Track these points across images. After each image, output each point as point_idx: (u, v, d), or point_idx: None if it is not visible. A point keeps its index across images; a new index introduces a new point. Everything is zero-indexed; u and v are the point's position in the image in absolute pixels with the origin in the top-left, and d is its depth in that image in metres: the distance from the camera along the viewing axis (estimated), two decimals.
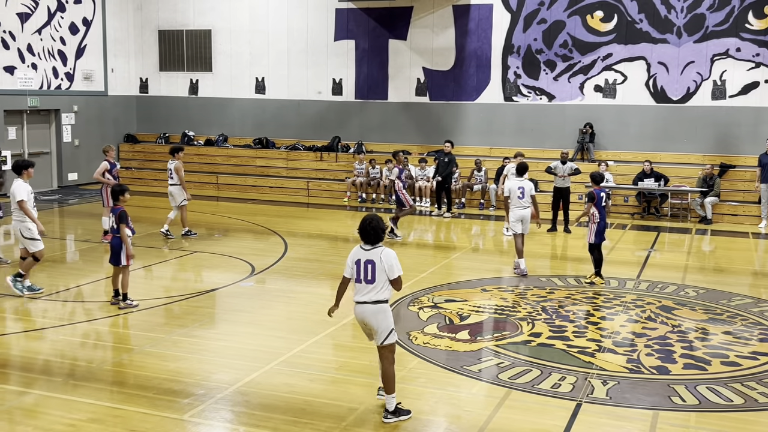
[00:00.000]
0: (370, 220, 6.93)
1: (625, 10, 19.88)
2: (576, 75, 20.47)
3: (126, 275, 10.34)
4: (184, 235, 15.28)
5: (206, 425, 6.79)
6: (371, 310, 6.82)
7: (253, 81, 24.01)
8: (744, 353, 8.87)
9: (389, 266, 6.79)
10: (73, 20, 23.11)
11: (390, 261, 6.81)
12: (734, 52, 19.09)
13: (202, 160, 23.85)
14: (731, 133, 19.39)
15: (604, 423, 6.94)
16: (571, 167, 16.90)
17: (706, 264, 14.21)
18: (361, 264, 6.84)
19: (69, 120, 23.08)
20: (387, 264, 6.79)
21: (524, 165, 13.39)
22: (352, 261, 6.89)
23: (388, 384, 6.94)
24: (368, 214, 7.08)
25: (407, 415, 6.93)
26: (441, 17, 21.63)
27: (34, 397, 7.32)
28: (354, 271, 6.87)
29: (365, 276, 6.81)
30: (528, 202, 12.98)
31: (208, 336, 9.25)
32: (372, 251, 6.86)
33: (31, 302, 10.62)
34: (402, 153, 16.99)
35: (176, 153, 15.49)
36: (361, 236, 6.93)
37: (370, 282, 6.80)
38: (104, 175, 14.60)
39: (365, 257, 6.84)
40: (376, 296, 6.81)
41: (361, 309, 6.86)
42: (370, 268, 6.80)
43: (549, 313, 10.34)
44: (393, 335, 6.92)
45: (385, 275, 6.78)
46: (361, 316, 6.89)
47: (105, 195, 14.52)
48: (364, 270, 6.82)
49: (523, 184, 13.03)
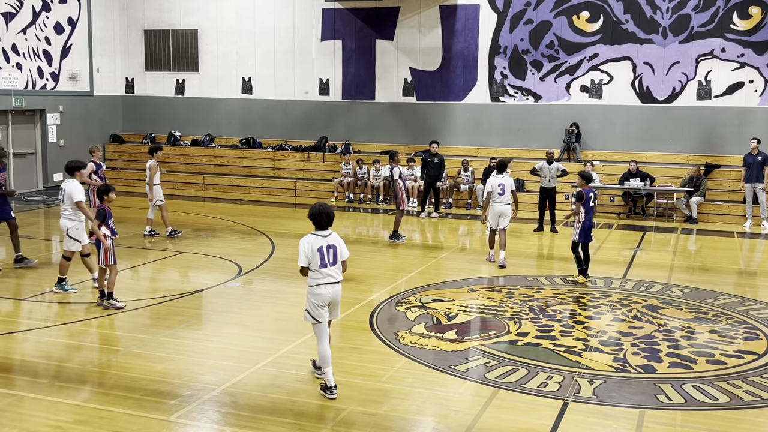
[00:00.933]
0: (323, 207, 7.41)
1: (611, 10, 19.97)
2: (562, 75, 20.54)
3: (112, 274, 10.28)
4: (169, 235, 15.21)
5: (193, 426, 6.77)
6: (340, 288, 7.50)
7: (239, 81, 23.96)
8: (729, 352, 8.93)
9: (344, 248, 7.47)
10: (59, 20, 22.98)
11: (343, 244, 7.49)
12: (719, 53, 19.22)
13: (189, 160, 23.78)
14: (716, 133, 19.52)
15: (590, 422, 6.96)
16: (558, 168, 16.92)
17: (691, 263, 14.29)
18: (324, 250, 7.30)
19: (54, 120, 22.96)
20: (343, 246, 7.45)
21: (503, 161, 13.69)
22: (312, 250, 7.28)
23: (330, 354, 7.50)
24: (317, 202, 7.55)
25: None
26: (428, 17, 21.66)
27: (19, 399, 7.27)
28: (315, 258, 7.27)
29: (329, 259, 7.33)
30: (508, 199, 13.26)
31: (195, 337, 9.22)
32: (330, 237, 7.40)
33: (16, 303, 10.55)
34: (398, 153, 16.85)
35: (154, 152, 15.40)
36: (317, 223, 7.36)
37: (333, 264, 7.37)
38: (90, 176, 14.51)
39: (326, 243, 7.34)
40: (340, 276, 7.46)
41: (334, 289, 7.40)
42: (332, 252, 7.35)
43: (536, 312, 10.37)
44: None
45: (341, 257, 7.43)
46: (333, 296, 7.41)
47: (92, 196, 14.43)
48: (327, 254, 7.32)
49: (503, 180, 13.28)
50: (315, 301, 7.37)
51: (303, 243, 7.33)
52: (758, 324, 10.07)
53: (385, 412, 7.04)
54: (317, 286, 7.34)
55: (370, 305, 10.58)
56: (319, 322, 7.44)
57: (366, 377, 7.88)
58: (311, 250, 7.28)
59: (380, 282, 11.96)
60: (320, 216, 7.33)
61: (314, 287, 7.35)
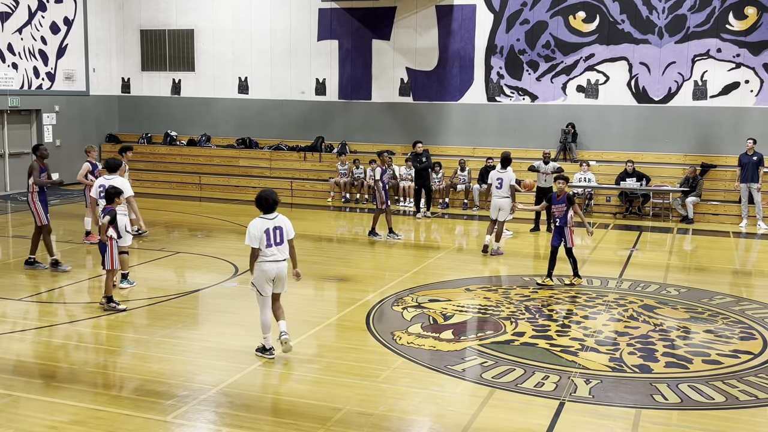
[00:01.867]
0: (269, 193, 8.28)
1: (607, 10, 19.99)
2: (558, 75, 20.57)
3: (110, 278, 10.26)
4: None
5: (190, 426, 6.76)
6: (285, 265, 8.30)
7: (236, 81, 23.94)
8: (725, 351, 8.94)
9: (290, 229, 8.32)
10: (54, 20, 22.94)
11: (290, 225, 8.34)
12: (715, 53, 19.25)
13: (185, 160, 23.76)
14: (712, 133, 19.55)
15: (587, 421, 6.97)
16: (554, 166, 16.91)
17: (687, 263, 14.31)
18: (270, 231, 8.17)
19: (50, 120, 22.92)
20: (289, 227, 8.32)
21: (506, 156, 14.45)
22: (260, 231, 8.10)
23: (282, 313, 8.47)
24: (264, 189, 8.44)
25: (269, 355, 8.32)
26: (424, 17, 21.66)
27: (15, 399, 7.26)
28: (263, 239, 8.10)
29: (275, 240, 8.19)
30: (506, 192, 14.07)
31: (191, 337, 9.21)
32: (276, 219, 8.24)
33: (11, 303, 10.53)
34: (386, 153, 16.92)
35: (124, 152, 15.24)
36: (263, 208, 8.23)
37: (280, 244, 8.21)
38: (87, 176, 14.47)
39: (273, 225, 8.20)
40: (285, 254, 8.29)
41: (278, 266, 8.23)
42: (279, 233, 8.22)
43: (532, 312, 10.38)
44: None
45: (287, 237, 8.27)
46: (278, 272, 8.25)
47: (87, 196, 14.40)
48: (273, 235, 8.18)
49: (502, 175, 14.13)
50: (260, 277, 8.22)
51: (251, 226, 8.16)
52: (754, 324, 10.09)
53: (382, 412, 7.04)
54: (264, 263, 8.17)
55: (366, 305, 10.58)
56: (261, 294, 8.29)
57: (362, 377, 7.88)
58: (259, 232, 8.10)
59: (376, 282, 11.96)
60: (264, 201, 8.20)
61: (260, 264, 8.19)
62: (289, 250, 8.33)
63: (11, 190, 21.82)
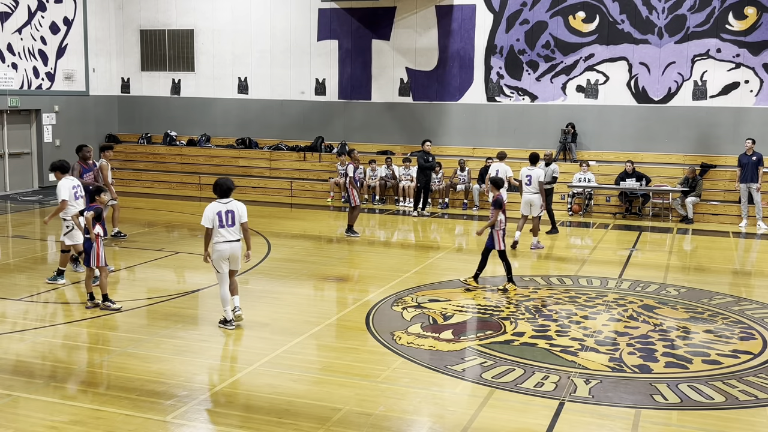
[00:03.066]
0: (224, 181, 9.38)
1: (606, 10, 19.99)
2: (558, 75, 20.56)
3: (103, 276, 10.25)
4: (114, 236, 14.84)
5: (189, 427, 6.76)
6: (238, 245, 9.26)
7: (235, 81, 23.94)
8: (725, 351, 8.94)
9: (243, 213, 9.29)
10: (54, 20, 22.94)
11: (242, 210, 9.32)
12: (715, 53, 19.25)
13: (185, 160, 23.76)
14: (712, 133, 19.55)
15: (587, 421, 6.97)
16: (553, 172, 16.75)
17: (687, 263, 14.31)
18: (222, 214, 9.17)
19: (50, 120, 22.91)
20: (242, 211, 9.29)
21: (535, 154, 15.31)
22: (213, 213, 9.15)
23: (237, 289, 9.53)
24: (221, 176, 9.54)
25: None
26: (424, 18, 21.66)
27: (14, 399, 7.26)
28: (216, 220, 9.13)
29: (227, 222, 9.18)
30: (536, 188, 14.73)
31: (191, 337, 9.21)
32: (230, 204, 9.27)
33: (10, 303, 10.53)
34: (356, 150, 16.92)
35: (104, 151, 14.91)
36: (218, 193, 9.28)
37: (232, 225, 9.20)
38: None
39: (225, 209, 9.22)
40: (238, 236, 9.24)
41: (231, 246, 9.21)
42: (231, 216, 9.20)
43: (532, 312, 10.38)
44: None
45: (239, 220, 9.23)
46: (231, 251, 9.22)
47: None
48: (226, 218, 9.17)
49: (531, 172, 14.84)
50: (216, 256, 9.24)
51: (207, 209, 9.23)
52: (754, 324, 10.09)
53: (382, 412, 7.04)
54: (218, 243, 9.20)
55: (366, 305, 10.58)
56: (218, 272, 9.33)
57: (362, 377, 7.88)
58: (212, 213, 9.16)
59: (376, 282, 11.95)
60: (218, 187, 9.28)
61: (215, 244, 9.22)
62: (243, 233, 9.32)
63: (11, 190, 21.81)
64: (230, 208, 9.23)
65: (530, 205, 14.80)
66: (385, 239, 16.63)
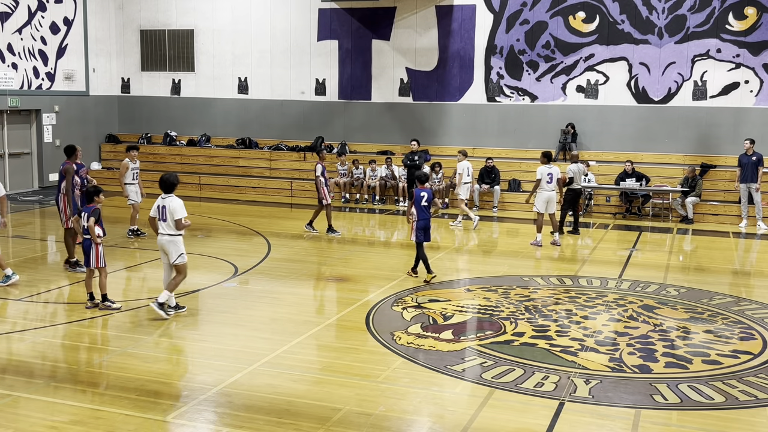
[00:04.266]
0: (166, 176, 9.82)
1: (607, 11, 19.99)
2: (558, 75, 20.57)
3: (102, 276, 10.26)
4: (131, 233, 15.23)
5: (189, 427, 6.76)
6: (165, 240, 9.74)
7: (235, 81, 23.94)
8: (725, 352, 8.94)
9: (172, 210, 9.63)
10: (54, 20, 22.95)
11: (173, 207, 9.64)
12: (715, 53, 19.25)
13: (185, 160, 23.76)
14: (712, 133, 19.56)
15: (586, 422, 6.97)
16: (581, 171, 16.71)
17: (687, 263, 14.31)
18: (159, 208, 9.70)
19: (50, 120, 22.92)
20: (171, 208, 9.63)
21: (549, 152, 15.42)
22: (155, 206, 9.74)
23: (171, 285, 9.83)
24: (167, 172, 10.05)
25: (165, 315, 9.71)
26: (424, 18, 21.67)
27: (14, 399, 7.26)
28: (157, 212, 9.70)
29: (162, 216, 9.70)
30: (554, 186, 15.06)
31: (191, 337, 9.21)
32: (167, 199, 9.71)
33: (10, 303, 10.53)
34: (325, 150, 17.30)
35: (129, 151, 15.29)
36: (161, 188, 9.77)
37: (164, 221, 9.69)
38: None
39: (162, 203, 9.70)
40: (168, 231, 9.69)
41: (161, 239, 9.78)
42: (164, 211, 9.68)
43: (532, 312, 10.38)
44: (180, 258, 9.79)
45: (171, 216, 9.61)
46: (161, 244, 9.80)
47: None
48: (161, 212, 9.71)
49: (552, 170, 15.01)
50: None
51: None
52: (754, 324, 10.09)
53: (381, 412, 7.04)
54: (158, 235, 9.80)
55: (366, 305, 10.58)
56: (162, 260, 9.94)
57: (362, 377, 7.88)
58: (155, 206, 9.76)
59: (376, 282, 11.95)
60: (161, 182, 9.77)
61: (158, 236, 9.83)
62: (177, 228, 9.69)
63: (11, 190, 21.80)
64: (165, 204, 9.68)
65: (548, 201, 15.05)
66: (385, 239, 16.64)
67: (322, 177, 15.72)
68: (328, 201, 15.85)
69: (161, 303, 9.73)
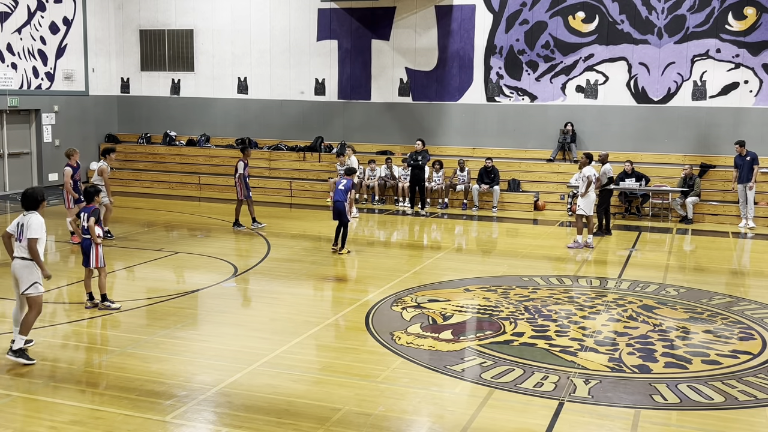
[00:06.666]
0: (31, 191, 8.33)
1: (606, 11, 19.99)
2: (558, 75, 20.57)
3: (102, 276, 10.26)
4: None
5: (189, 427, 6.76)
6: (19, 264, 8.07)
7: (235, 81, 23.94)
8: (724, 352, 8.95)
9: (32, 228, 8.05)
10: (54, 19, 22.94)
11: (30, 225, 8.07)
12: (714, 53, 19.25)
13: (184, 160, 23.75)
14: (711, 133, 19.55)
15: (586, 422, 6.98)
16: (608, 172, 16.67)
17: (686, 263, 14.31)
18: (19, 226, 8.16)
19: (49, 120, 22.91)
20: (27, 227, 8.08)
21: (590, 154, 15.74)
22: (14, 223, 8.20)
23: (24, 327, 8.08)
24: (31, 187, 8.44)
25: (28, 360, 8.01)
26: (424, 18, 21.66)
27: (14, 399, 7.26)
28: (16, 231, 8.14)
29: (19, 236, 8.13)
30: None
31: (190, 337, 9.21)
32: (26, 216, 8.18)
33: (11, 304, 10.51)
34: (249, 148, 17.82)
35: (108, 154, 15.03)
36: (22, 204, 8.28)
37: (20, 241, 8.11)
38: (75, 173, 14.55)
39: (22, 221, 8.17)
40: (23, 253, 8.06)
41: (14, 263, 8.12)
42: (21, 230, 8.14)
43: (531, 312, 10.38)
44: (34, 288, 8.07)
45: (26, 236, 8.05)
46: (13, 269, 8.11)
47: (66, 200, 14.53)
48: (19, 231, 8.15)
49: (594, 171, 15.38)
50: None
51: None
52: (753, 324, 10.09)
53: (381, 412, 7.04)
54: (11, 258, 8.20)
55: (365, 305, 10.58)
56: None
57: (362, 377, 7.89)
58: (14, 223, 8.23)
59: (376, 282, 11.95)
60: (23, 197, 8.30)
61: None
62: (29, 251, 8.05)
63: (10, 190, 21.81)
64: (23, 221, 8.16)
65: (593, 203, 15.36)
66: (385, 239, 16.64)
67: (243, 175, 16.21)
68: (249, 197, 16.40)
69: (17, 351, 8.08)
